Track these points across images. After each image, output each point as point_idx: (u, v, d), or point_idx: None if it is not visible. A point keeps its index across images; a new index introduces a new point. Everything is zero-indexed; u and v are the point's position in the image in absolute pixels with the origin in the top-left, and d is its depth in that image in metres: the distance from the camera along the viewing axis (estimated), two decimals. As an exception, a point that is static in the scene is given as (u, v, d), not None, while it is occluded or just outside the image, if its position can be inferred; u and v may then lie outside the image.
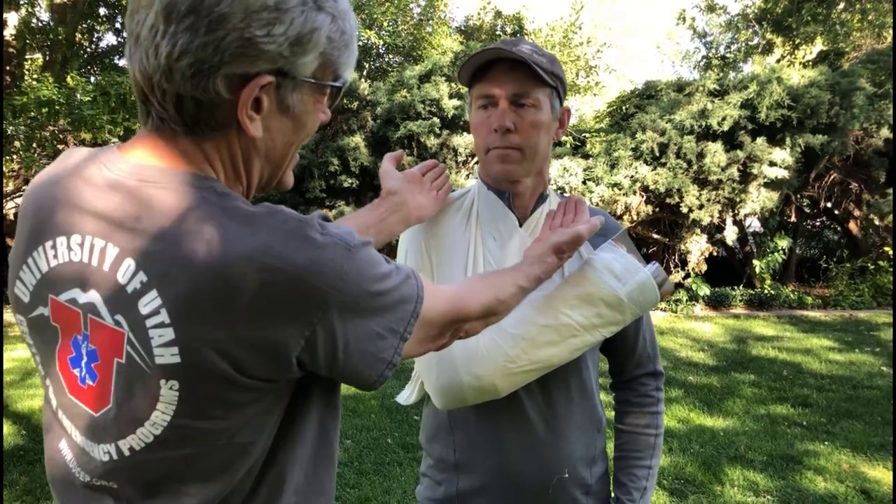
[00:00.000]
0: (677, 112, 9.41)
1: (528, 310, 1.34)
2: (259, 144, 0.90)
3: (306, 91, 0.90)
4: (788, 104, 8.94)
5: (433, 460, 1.54)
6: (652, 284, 1.34)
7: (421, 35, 13.59)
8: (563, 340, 1.33)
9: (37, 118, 8.24)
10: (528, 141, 1.37)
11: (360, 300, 0.86)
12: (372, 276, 0.87)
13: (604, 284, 1.33)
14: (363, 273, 0.86)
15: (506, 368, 1.32)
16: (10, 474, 4.16)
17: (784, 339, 7.75)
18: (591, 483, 1.48)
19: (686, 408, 5.32)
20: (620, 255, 1.36)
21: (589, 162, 9.54)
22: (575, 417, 1.46)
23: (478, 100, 1.41)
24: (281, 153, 0.94)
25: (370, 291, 0.87)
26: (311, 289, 0.81)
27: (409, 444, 4.54)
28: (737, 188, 9.04)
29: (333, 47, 0.90)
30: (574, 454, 1.45)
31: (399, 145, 9.22)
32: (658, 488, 3.90)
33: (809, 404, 5.37)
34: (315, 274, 0.81)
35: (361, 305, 0.86)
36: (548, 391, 1.43)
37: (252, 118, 0.86)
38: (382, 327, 0.90)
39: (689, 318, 9.21)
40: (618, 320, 1.36)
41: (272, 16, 0.81)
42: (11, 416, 5.22)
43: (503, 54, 1.34)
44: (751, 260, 10.40)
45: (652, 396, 1.54)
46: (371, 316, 0.88)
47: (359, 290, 0.85)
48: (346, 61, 0.94)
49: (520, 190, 1.45)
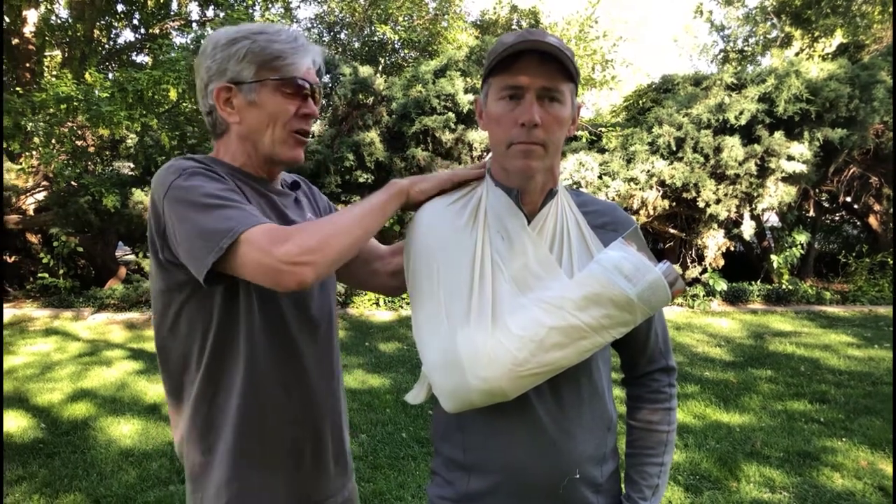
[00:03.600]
0: (694, 106, 9.34)
1: (535, 311, 1.32)
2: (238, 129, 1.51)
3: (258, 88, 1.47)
4: (807, 98, 8.85)
5: (443, 459, 1.52)
6: (663, 284, 1.31)
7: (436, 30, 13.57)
8: (572, 342, 1.31)
9: (56, 114, 8.31)
10: (552, 137, 1.34)
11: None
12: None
13: (613, 285, 1.30)
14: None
15: (513, 371, 1.30)
16: (30, 467, 4.21)
17: (802, 335, 7.70)
18: (601, 482, 1.47)
19: (702, 403, 5.29)
20: (631, 254, 1.33)
21: (605, 156, 9.49)
22: (585, 417, 1.43)
23: (502, 90, 1.34)
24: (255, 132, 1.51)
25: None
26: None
27: (424, 438, 4.55)
28: (754, 183, 8.97)
29: (259, 58, 1.45)
30: (584, 454, 1.43)
31: (414, 140, 9.23)
32: (673, 484, 3.88)
33: (827, 400, 5.33)
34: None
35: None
36: (558, 391, 1.40)
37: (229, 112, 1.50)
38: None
39: (705, 313, 9.15)
40: (628, 321, 1.34)
41: (213, 57, 1.48)
42: (31, 409, 5.28)
43: (537, 45, 1.29)
44: (768, 255, 10.31)
45: (664, 392, 1.52)
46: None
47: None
48: (278, 64, 1.45)
49: (531, 187, 1.41)
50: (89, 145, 10.06)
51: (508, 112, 1.33)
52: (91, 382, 6.00)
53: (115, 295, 9.41)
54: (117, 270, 10.68)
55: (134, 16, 13.39)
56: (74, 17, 11.84)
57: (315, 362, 1.56)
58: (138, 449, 4.49)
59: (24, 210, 10.36)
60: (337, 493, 1.65)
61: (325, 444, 1.60)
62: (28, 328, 8.36)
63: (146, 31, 13.54)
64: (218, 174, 1.40)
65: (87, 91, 8.13)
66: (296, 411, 1.53)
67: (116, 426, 4.91)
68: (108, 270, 10.83)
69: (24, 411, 5.23)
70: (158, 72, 8.16)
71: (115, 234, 10.73)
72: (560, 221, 1.43)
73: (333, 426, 1.62)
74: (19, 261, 10.79)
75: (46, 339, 7.75)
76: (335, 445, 1.64)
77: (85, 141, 9.87)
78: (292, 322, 1.50)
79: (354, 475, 1.77)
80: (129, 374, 6.30)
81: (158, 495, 3.82)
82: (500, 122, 1.35)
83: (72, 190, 9.69)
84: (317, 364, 1.56)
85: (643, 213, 9.34)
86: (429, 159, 9.11)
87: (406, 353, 6.83)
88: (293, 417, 1.52)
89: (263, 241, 1.25)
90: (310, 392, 1.55)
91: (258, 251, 1.25)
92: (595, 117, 15.94)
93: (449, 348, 1.34)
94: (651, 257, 1.35)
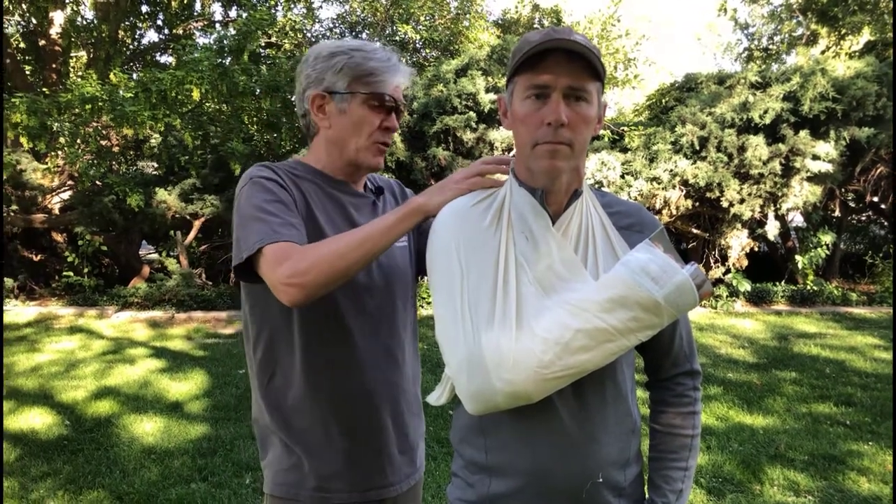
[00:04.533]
0: (718, 105, 9.25)
1: (561, 313, 1.30)
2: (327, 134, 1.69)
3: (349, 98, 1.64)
4: (833, 96, 8.73)
5: (464, 461, 1.51)
6: (690, 286, 1.29)
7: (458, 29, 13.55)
8: (598, 345, 1.29)
9: (81, 114, 8.39)
10: (579, 136, 1.32)
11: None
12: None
13: (640, 287, 1.28)
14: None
15: (538, 374, 1.28)
16: (54, 463, 4.26)
17: (827, 337, 7.60)
18: (624, 485, 1.45)
19: (725, 405, 5.24)
20: (657, 256, 1.30)
21: (627, 156, 9.43)
22: (609, 421, 1.41)
23: (527, 90, 1.32)
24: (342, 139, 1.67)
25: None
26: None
27: (444, 438, 4.55)
28: (779, 182, 8.86)
29: (353, 73, 1.62)
30: (608, 458, 1.41)
31: (435, 140, 9.22)
32: (696, 486, 3.85)
33: (853, 403, 5.25)
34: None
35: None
36: (582, 395, 1.38)
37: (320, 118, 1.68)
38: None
39: (729, 314, 9.07)
40: (654, 324, 1.31)
41: (313, 67, 1.66)
42: (56, 406, 5.34)
43: (563, 44, 1.27)
44: (793, 255, 10.19)
45: (689, 396, 1.49)
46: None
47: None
48: (369, 80, 1.62)
49: (556, 187, 1.39)
50: (114, 145, 10.17)
51: (534, 111, 1.32)
52: (114, 380, 6.06)
53: (139, 293, 9.50)
54: (141, 269, 10.78)
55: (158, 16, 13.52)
56: (100, 19, 11.98)
57: (370, 352, 1.67)
58: (160, 447, 4.53)
59: (49, 209, 10.49)
60: (401, 482, 1.74)
61: (383, 431, 1.70)
62: (53, 326, 8.46)
63: (170, 32, 13.66)
64: (280, 183, 1.58)
65: (111, 91, 8.20)
66: (345, 397, 1.65)
67: (139, 424, 4.95)
68: (131, 269, 10.94)
69: (49, 408, 5.29)
70: (182, 72, 8.21)
71: (138, 232, 10.84)
72: (585, 222, 1.41)
73: (395, 415, 1.73)
74: (45, 259, 10.93)
75: (71, 336, 7.84)
76: (398, 435, 1.74)
77: (109, 141, 9.97)
78: (348, 313, 1.63)
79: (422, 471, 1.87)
80: (151, 372, 6.35)
81: (180, 493, 3.84)
82: (526, 122, 1.33)
83: (96, 189, 9.79)
84: (372, 354, 1.68)
85: (666, 213, 9.26)
86: (450, 159, 9.10)
87: (427, 352, 6.83)
88: (343, 402, 1.65)
89: (270, 259, 1.43)
90: (362, 380, 1.66)
91: (266, 266, 1.45)
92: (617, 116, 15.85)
93: (473, 350, 1.33)
94: (678, 259, 1.32)
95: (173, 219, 9.90)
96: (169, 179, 10.22)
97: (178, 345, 7.53)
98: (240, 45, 8.73)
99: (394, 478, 1.73)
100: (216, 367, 6.54)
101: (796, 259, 10.00)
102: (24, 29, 12.95)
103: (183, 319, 8.86)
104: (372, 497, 1.69)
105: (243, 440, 4.62)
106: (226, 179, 9.92)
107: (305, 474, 1.65)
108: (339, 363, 1.64)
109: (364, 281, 1.65)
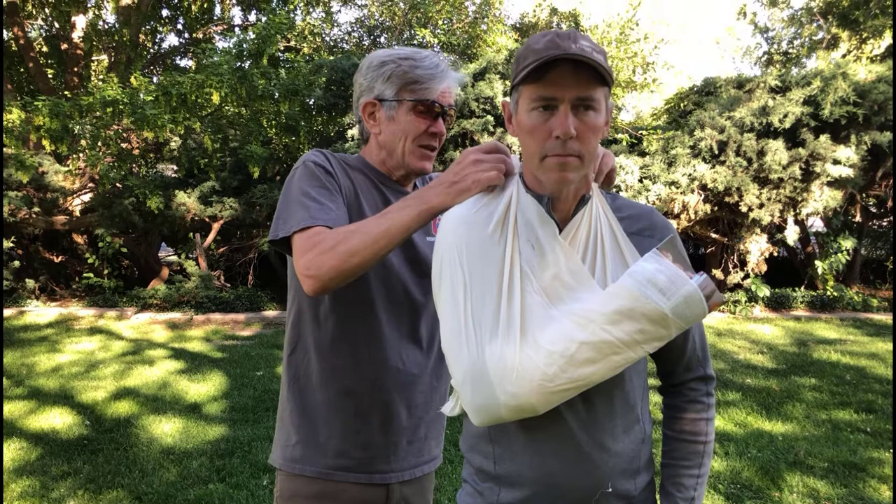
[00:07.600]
0: (737, 109, 9.20)
1: (566, 324, 1.29)
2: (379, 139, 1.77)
3: (397, 105, 1.72)
4: (854, 100, 8.66)
5: (473, 469, 1.50)
6: (699, 298, 1.26)
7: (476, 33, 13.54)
8: (604, 358, 1.27)
9: (102, 117, 8.48)
10: (588, 147, 1.29)
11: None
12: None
13: (646, 299, 1.25)
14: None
15: (543, 387, 1.27)
16: (75, 463, 4.30)
17: (847, 343, 7.52)
18: (634, 494, 1.43)
19: (744, 411, 5.20)
20: (665, 266, 1.27)
21: (646, 160, 9.39)
22: (618, 430, 1.40)
23: (533, 101, 1.28)
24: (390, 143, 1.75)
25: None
26: None
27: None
28: (799, 187, 8.80)
29: (401, 81, 1.70)
30: (617, 467, 1.39)
31: (453, 143, 9.23)
32: (713, 493, 3.82)
33: (874, 410, 5.20)
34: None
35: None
36: (590, 404, 1.37)
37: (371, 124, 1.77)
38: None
39: (748, 319, 9.00)
40: (662, 336, 1.29)
41: (365, 76, 1.75)
42: (76, 406, 5.39)
43: (569, 55, 1.22)
44: (813, 261, 10.10)
45: (702, 402, 1.47)
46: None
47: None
48: (416, 87, 1.69)
49: (563, 194, 1.36)
50: (134, 148, 10.27)
51: (542, 124, 1.28)
52: (134, 381, 6.11)
53: (158, 295, 9.57)
54: (160, 271, 10.86)
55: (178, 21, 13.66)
56: (121, 23, 12.10)
57: (393, 340, 1.73)
58: (179, 447, 4.56)
59: (70, 211, 10.60)
60: (405, 470, 1.79)
61: (395, 419, 1.75)
62: (73, 327, 8.55)
63: (190, 36, 13.79)
64: (328, 170, 1.67)
65: (132, 94, 8.29)
66: (361, 380, 1.71)
67: (158, 425, 4.99)
68: (151, 271, 11.03)
69: (70, 408, 5.35)
70: (202, 75, 8.28)
71: (158, 235, 10.94)
72: (594, 229, 1.38)
73: (410, 406, 1.77)
74: (66, 261, 11.04)
75: (91, 337, 7.92)
76: (410, 425, 1.78)
77: (130, 143, 10.07)
78: (378, 300, 1.71)
79: (434, 466, 1.91)
80: (170, 373, 6.40)
81: (198, 493, 3.87)
82: (533, 134, 1.30)
83: (117, 192, 9.89)
84: (395, 343, 1.73)
85: (684, 218, 9.21)
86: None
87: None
88: (358, 385, 1.71)
89: (298, 246, 1.52)
90: (382, 366, 1.72)
91: (294, 253, 1.54)
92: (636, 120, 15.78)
93: (477, 363, 1.32)
94: (688, 267, 1.30)
95: (192, 221, 9.97)
96: (188, 182, 10.30)
97: (197, 346, 7.59)
98: (259, 48, 8.79)
99: (397, 465, 1.77)
100: (234, 368, 6.58)
101: (816, 264, 9.91)
102: (47, 33, 13.12)
103: (201, 321, 8.92)
104: (376, 480, 1.74)
105: (261, 441, 4.64)
106: (244, 182, 9.98)
107: (313, 451, 1.72)
108: (361, 346, 1.71)
109: (400, 270, 1.72)
